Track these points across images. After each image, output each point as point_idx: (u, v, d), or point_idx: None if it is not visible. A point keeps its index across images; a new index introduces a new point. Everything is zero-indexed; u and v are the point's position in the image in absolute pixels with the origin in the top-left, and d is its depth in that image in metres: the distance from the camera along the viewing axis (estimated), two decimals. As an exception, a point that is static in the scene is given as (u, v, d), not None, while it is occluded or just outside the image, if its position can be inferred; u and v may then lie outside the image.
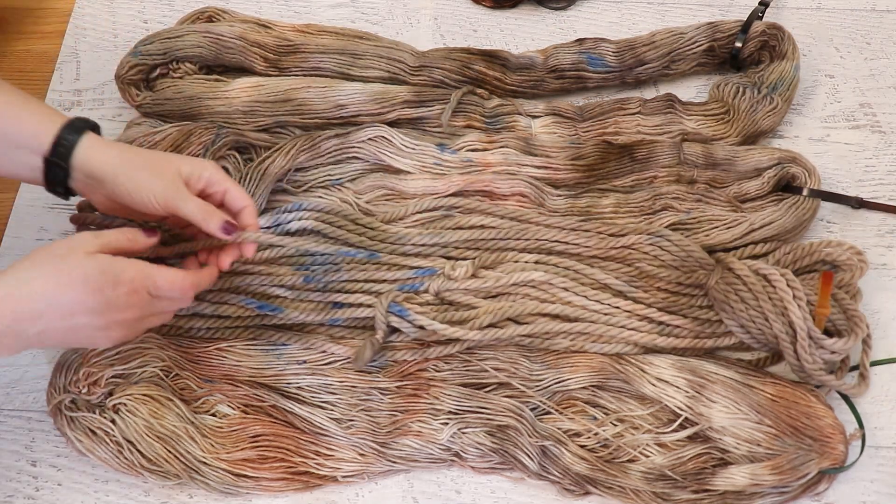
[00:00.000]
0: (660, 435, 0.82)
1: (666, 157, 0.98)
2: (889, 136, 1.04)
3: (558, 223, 0.92)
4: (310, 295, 0.88)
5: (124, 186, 0.78)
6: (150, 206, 0.78)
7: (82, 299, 0.71)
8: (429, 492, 0.83)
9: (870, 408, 0.86)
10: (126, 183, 0.78)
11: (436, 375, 0.85)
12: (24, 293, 0.70)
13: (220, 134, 0.94)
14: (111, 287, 0.72)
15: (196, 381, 0.85)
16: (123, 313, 0.74)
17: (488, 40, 1.13)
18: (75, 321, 0.72)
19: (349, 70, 1.03)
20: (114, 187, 0.78)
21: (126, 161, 0.79)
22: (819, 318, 0.81)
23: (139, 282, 0.74)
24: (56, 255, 0.72)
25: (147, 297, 0.75)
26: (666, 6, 1.16)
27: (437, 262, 0.90)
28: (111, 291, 0.72)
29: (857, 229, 0.97)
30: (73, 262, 0.72)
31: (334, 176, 0.97)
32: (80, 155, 0.78)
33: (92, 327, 0.73)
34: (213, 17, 1.08)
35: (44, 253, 0.72)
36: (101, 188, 0.79)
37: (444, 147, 0.98)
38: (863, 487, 0.82)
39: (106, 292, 0.72)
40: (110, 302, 0.73)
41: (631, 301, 0.88)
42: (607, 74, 1.06)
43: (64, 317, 0.71)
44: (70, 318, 0.72)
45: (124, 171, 0.78)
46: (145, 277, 0.74)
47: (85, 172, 0.78)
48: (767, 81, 1.02)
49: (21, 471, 0.83)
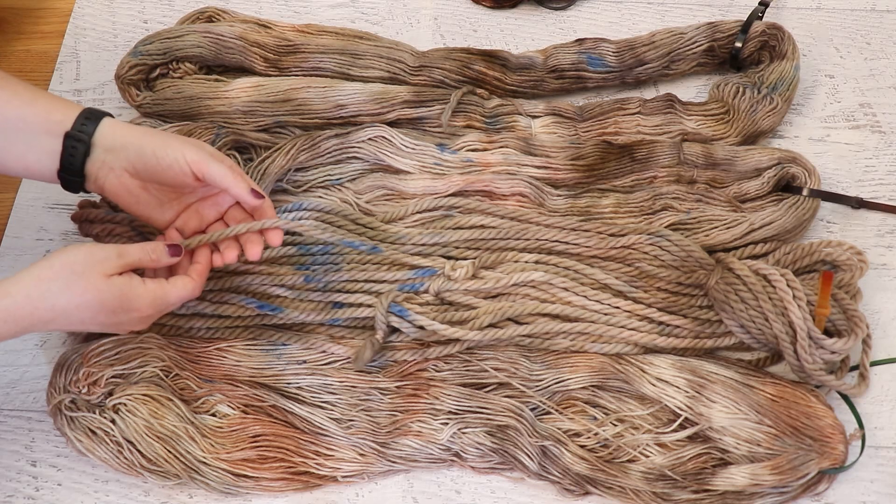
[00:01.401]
0: (660, 435, 0.82)
1: (666, 157, 0.98)
2: (889, 136, 1.04)
3: (558, 223, 0.92)
4: (310, 295, 0.88)
5: (152, 149, 0.79)
6: (176, 168, 0.79)
7: (94, 317, 0.76)
8: (429, 492, 0.83)
9: (870, 408, 0.86)
10: (155, 145, 0.79)
11: (436, 375, 0.85)
12: (44, 304, 0.73)
13: (219, 134, 0.95)
14: (125, 312, 0.77)
15: (196, 381, 0.85)
16: (134, 326, 0.79)
17: (488, 40, 1.13)
18: (85, 327, 0.77)
19: (349, 70, 1.03)
20: (139, 152, 0.79)
21: (153, 131, 0.81)
22: (819, 318, 0.81)
23: (154, 308, 0.78)
24: (76, 272, 0.74)
25: (157, 314, 0.79)
26: (666, 6, 1.16)
27: (436, 262, 0.90)
28: (124, 315, 0.77)
29: (857, 229, 0.97)
30: (91, 283, 0.74)
31: (334, 176, 0.97)
32: (104, 129, 0.79)
33: (100, 329, 0.78)
34: (213, 17, 1.08)
35: (65, 266, 0.74)
36: (121, 160, 0.79)
37: (444, 147, 0.98)
38: (863, 487, 0.82)
39: (119, 315, 0.77)
40: (121, 322, 0.77)
41: (631, 301, 0.88)
42: (607, 74, 1.06)
43: (74, 325, 0.76)
44: (80, 326, 0.76)
45: (153, 136, 0.80)
46: (159, 301, 0.78)
47: (107, 147, 0.79)
48: (767, 81, 1.02)
49: (21, 471, 0.83)
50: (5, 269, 0.95)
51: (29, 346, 0.90)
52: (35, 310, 0.73)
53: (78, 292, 0.74)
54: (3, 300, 0.72)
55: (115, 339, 0.85)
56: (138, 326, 0.79)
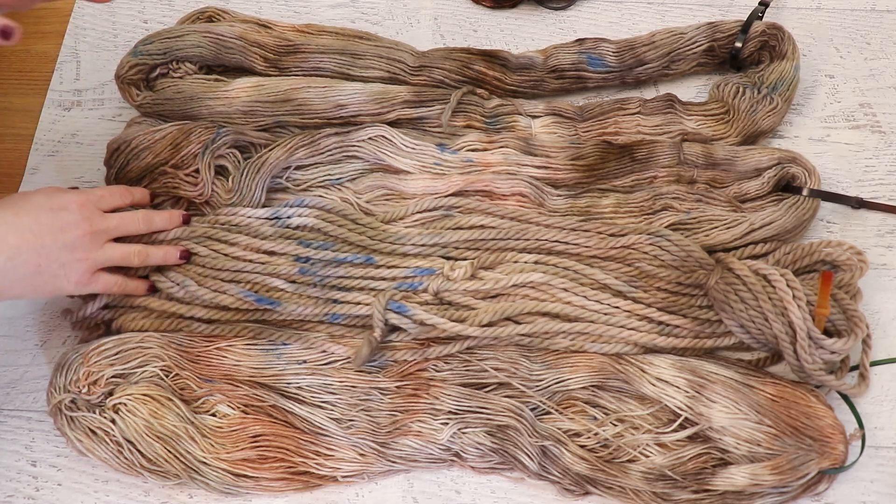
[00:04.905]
0: (660, 435, 0.82)
1: (666, 157, 0.98)
2: (889, 136, 1.04)
3: (558, 223, 0.92)
4: (308, 290, 0.88)
5: None
6: None
7: (39, 218, 0.79)
8: (429, 492, 0.83)
9: (870, 408, 0.86)
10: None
11: (436, 375, 0.85)
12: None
13: (219, 133, 0.95)
14: (64, 208, 0.81)
15: (196, 381, 0.85)
16: (76, 229, 0.81)
17: (488, 40, 1.13)
18: (41, 243, 0.79)
19: (349, 70, 1.03)
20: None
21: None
22: (819, 318, 0.81)
23: (85, 198, 0.82)
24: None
25: (98, 214, 0.83)
26: (666, 6, 1.16)
27: (436, 262, 0.90)
28: (59, 232, 0.80)
29: (857, 229, 0.97)
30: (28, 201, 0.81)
31: (334, 175, 0.97)
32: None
33: (56, 250, 0.80)
34: (213, 17, 1.08)
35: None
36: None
37: (444, 147, 0.98)
38: (863, 487, 0.82)
39: (53, 232, 0.80)
40: (66, 220, 0.80)
41: (631, 301, 0.88)
42: (607, 74, 1.06)
43: (29, 240, 0.79)
44: (36, 240, 0.79)
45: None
46: (89, 192, 0.83)
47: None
48: (767, 81, 1.02)
49: (21, 471, 0.83)
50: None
51: (29, 346, 0.90)
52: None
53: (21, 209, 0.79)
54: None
55: (116, 339, 0.85)
56: (91, 251, 0.82)
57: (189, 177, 0.93)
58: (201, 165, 0.93)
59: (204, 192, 0.93)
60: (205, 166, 0.93)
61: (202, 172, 0.93)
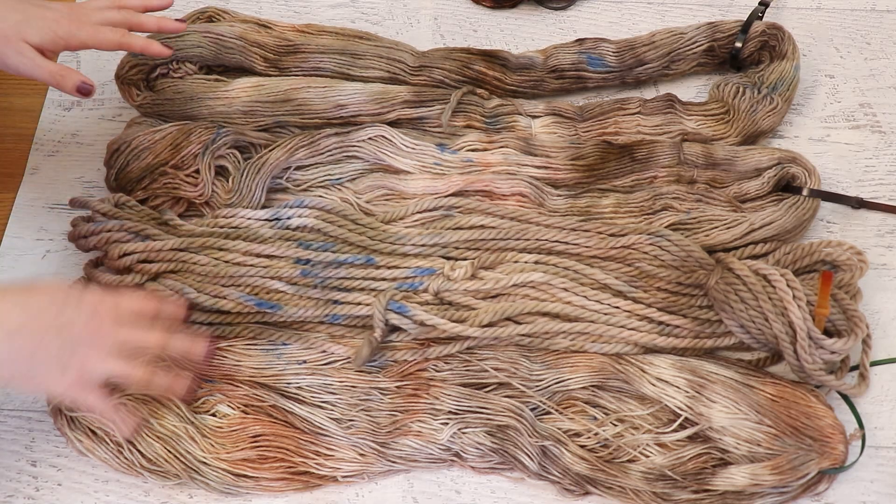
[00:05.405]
0: (660, 435, 0.82)
1: (666, 157, 0.98)
2: (889, 136, 1.04)
3: (558, 223, 0.92)
4: (309, 291, 0.88)
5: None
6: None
7: (48, 307, 0.73)
8: (429, 492, 0.83)
9: (870, 408, 0.86)
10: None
11: (436, 375, 0.85)
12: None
13: (219, 133, 0.95)
14: (74, 306, 0.74)
15: (196, 381, 0.85)
16: (84, 329, 0.74)
17: (488, 40, 1.13)
18: (43, 337, 0.73)
19: (349, 70, 1.03)
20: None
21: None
22: (819, 318, 0.81)
23: (100, 302, 0.75)
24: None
25: (109, 323, 0.75)
26: (666, 6, 1.16)
27: (436, 263, 0.90)
28: (73, 311, 0.74)
29: (857, 229, 0.97)
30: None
31: (334, 175, 0.97)
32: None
33: (56, 347, 0.73)
34: (213, 17, 1.08)
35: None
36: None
37: (444, 147, 0.98)
38: (863, 487, 0.82)
39: (67, 311, 0.73)
40: (73, 319, 0.73)
41: (631, 301, 0.88)
42: (607, 74, 1.06)
43: (33, 331, 0.72)
44: (40, 332, 0.73)
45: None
46: (107, 297, 0.76)
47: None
48: (767, 81, 1.02)
49: (21, 471, 0.83)
50: (5, 269, 0.95)
51: (29, 346, 0.90)
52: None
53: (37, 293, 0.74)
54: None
55: (115, 339, 0.85)
56: (91, 336, 0.74)
57: (189, 177, 0.93)
58: (201, 166, 0.93)
59: (204, 193, 0.93)
60: (205, 167, 0.93)
61: (202, 173, 0.93)
